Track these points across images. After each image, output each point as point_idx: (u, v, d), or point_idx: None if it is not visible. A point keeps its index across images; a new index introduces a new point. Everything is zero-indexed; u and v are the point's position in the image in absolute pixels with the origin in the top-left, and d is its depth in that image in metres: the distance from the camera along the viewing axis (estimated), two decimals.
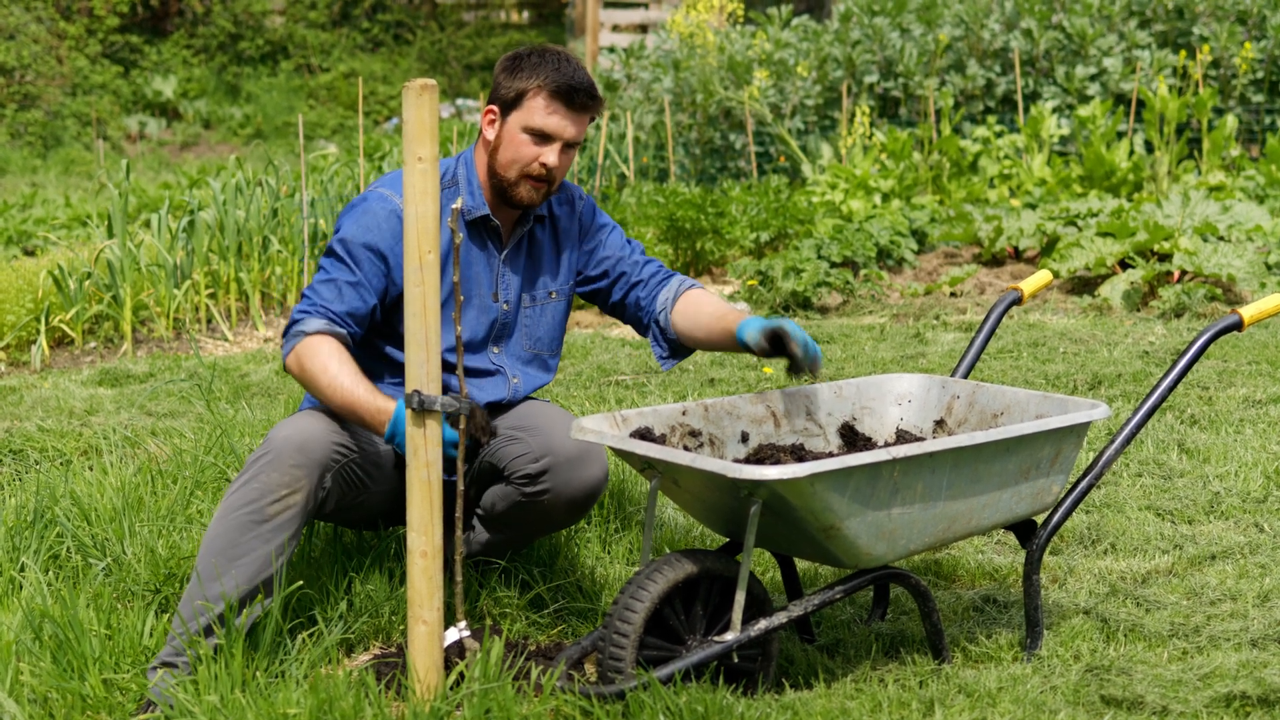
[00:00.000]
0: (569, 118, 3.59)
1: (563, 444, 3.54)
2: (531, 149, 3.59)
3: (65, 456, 5.45)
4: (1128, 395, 6.03)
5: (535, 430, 3.58)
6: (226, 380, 6.94)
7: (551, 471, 3.53)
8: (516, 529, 3.71)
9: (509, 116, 3.61)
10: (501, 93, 3.62)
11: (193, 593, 3.28)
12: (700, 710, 2.96)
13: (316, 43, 25.15)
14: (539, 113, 3.57)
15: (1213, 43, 13.68)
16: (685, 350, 3.88)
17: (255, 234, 9.12)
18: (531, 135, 3.58)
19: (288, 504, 3.31)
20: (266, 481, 3.31)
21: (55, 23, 22.97)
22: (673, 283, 3.87)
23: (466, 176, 3.70)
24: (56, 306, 8.33)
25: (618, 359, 7.26)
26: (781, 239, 10.47)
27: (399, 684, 3.28)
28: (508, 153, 3.61)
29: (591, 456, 3.56)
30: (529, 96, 3.57)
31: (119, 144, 21.75)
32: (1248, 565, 4.06)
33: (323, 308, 3.49)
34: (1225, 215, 9.55)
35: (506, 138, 3.61)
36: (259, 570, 3.29)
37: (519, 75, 3.59)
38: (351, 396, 3.35)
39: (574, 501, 3.59)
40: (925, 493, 3.24)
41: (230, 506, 3.31)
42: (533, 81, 3.57)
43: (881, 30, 14.76)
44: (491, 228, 3.71)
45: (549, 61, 3.59)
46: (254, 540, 3.28)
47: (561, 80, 3.56)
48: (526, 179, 3.61)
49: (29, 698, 3.21)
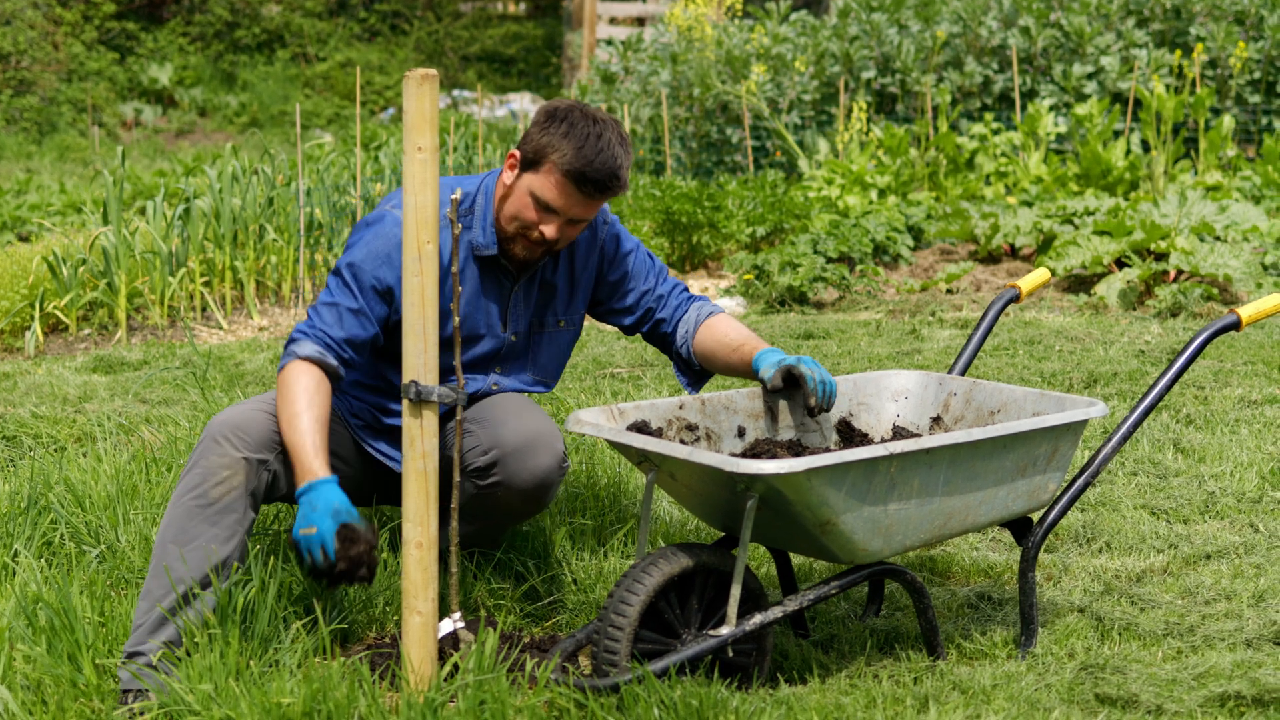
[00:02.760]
0: (579, 202, 3.46)
1: (510, 435, 3.46)
2: (533, 214, 3.48)
3: (59, 443, 5.44)
4: (1123, 394, 6.03)
5: (485, 422, 3.52)
6: (221, 368, 6.92)
7: (500, 464, 3.46)
8: (482, 520, 3.68)
9: (525, 173, 3.49)
10: (529, 144, 3.47)
11: (150, 582, 3.28)
12: (695, 704, 2.96)
13: (313, 32, 25.12)
14: (550, 188, 3.44)
15: (1209, 42, 13.68)
16: (709, 376, 3.88)
17: (251, 222, 9.11)
18: (536, 202, 3.47)
19: (230, 485, 3.30)
20: (207, 465, 3.31)
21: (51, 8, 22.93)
22: (692, 312, 3.83)
23: (484, 210, 3.60)
24: (51, 293, 8.32)
25: (613, 351, 7.26)
26: (778, 234, 10.47)
27: (393, 675, 3.27)
28: (512, 207, 3.51)
29: (540, 445, 3.47)
30: (545, 167, 3.43)
31: (114, 131, 21.72)
32: (1243, 565, 4.07)
33: (321, 332, 3.44)
34: (1222, 215, 9.56)
35: (516, 192, 3.50)
36: (211, 553, 3.28)
37: (546, 133, 3.44)
38: (299, 440, 3.28)
39: (526, 492, 3.50)
40: (922, 489, 3.24)
41: (178, 494, 3.32)
42: (553, 153, 3.42)
43: (879, 26, 14.76)
44: (502, 265, 3.63)
45: (578, 134, 3.41)
46: (202, 524, 3.29)
47: (580, 165, 3.40)
48: (523, 238, 3.53)
49: (22, 684, 3.20)
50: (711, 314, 3.83)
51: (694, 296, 3.89)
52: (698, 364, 3.83)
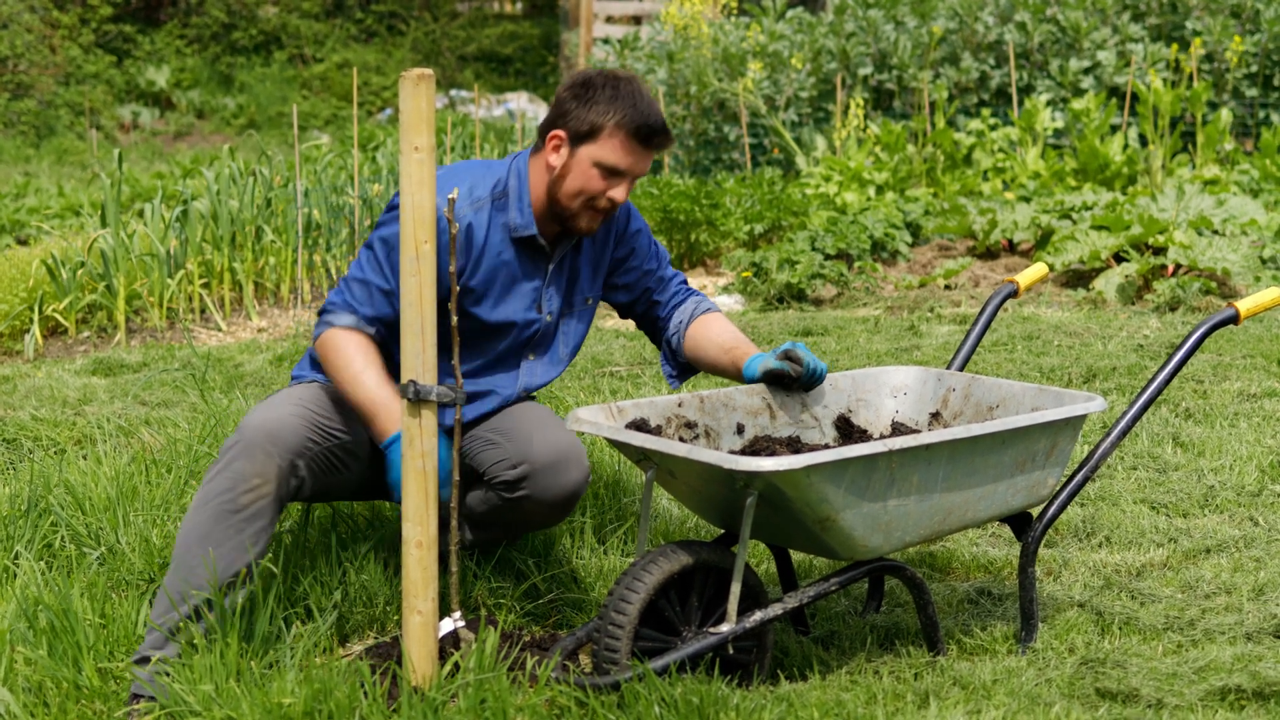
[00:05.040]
0: (643, 156, 3.53)
1: (541, 449, 3.48)
2: (600, 183, 3.51)
3: (59, 445, 5.44)
4: (1122, 388, 6.04)
5: (513, 434, 3.53)
6: (220, 370, 6.93)
7: (530, 478, 3.48)
8: (498, 529, 3.69)
9: (579, 148, 3.51)
10: (572, 122, 3.51)
11: (171, 582, 3.27)
12: (695, 701, 2.96)
13: (310, 33, 25.12)
14: (616, 151, 3.48)
15: (1206, 36, 13.68)
16: (694, 370, 3.89)
17: (249, 224, 9.11)
18: (602, 170, 3.51)
19: (260, 493, 3.29)
20: (239, 470, 3.29)
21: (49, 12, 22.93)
22: (689, 305, 3.85)
23: (518, 191, 3.60)
24: (50, 296, 8.32)
25: (611, 350, 7.26)
26: (776, 231, 10.47)
27: (394, 674, 3.27)
28: (574, 183, 3.52)
29: (570, 461, 3.49)
30: (606, 133, 3.48)
31: (112, 133, 21.72)
32: (1242, 559, 4.07)
33: (353, 307, 3.47)
34: (1220, 209, 9.56)
35: (575, 168, 3.52)
36: (235, 559, 3.27)
37: (594, 107, 3.49)
38: (369, 396, 3.34)
39: (554, 505, 3.53)
40: (921, 485, 3.24)
41: (205, 496, 3.30)
42: (611, 118, 3.47)
43: (876, 23, 14.76)
44: (538, 246, 3.64)
45: (626, 96, 3.49)
46: (228, 530, 3.27)
47: (641, 120, 3.48)
48: (589, 210, 3.56)
49: (23, 686, 3.20)
50: (708, 310, 3.84)
51: (693, 291, 3.89)
52: (684, 356, 3.83)
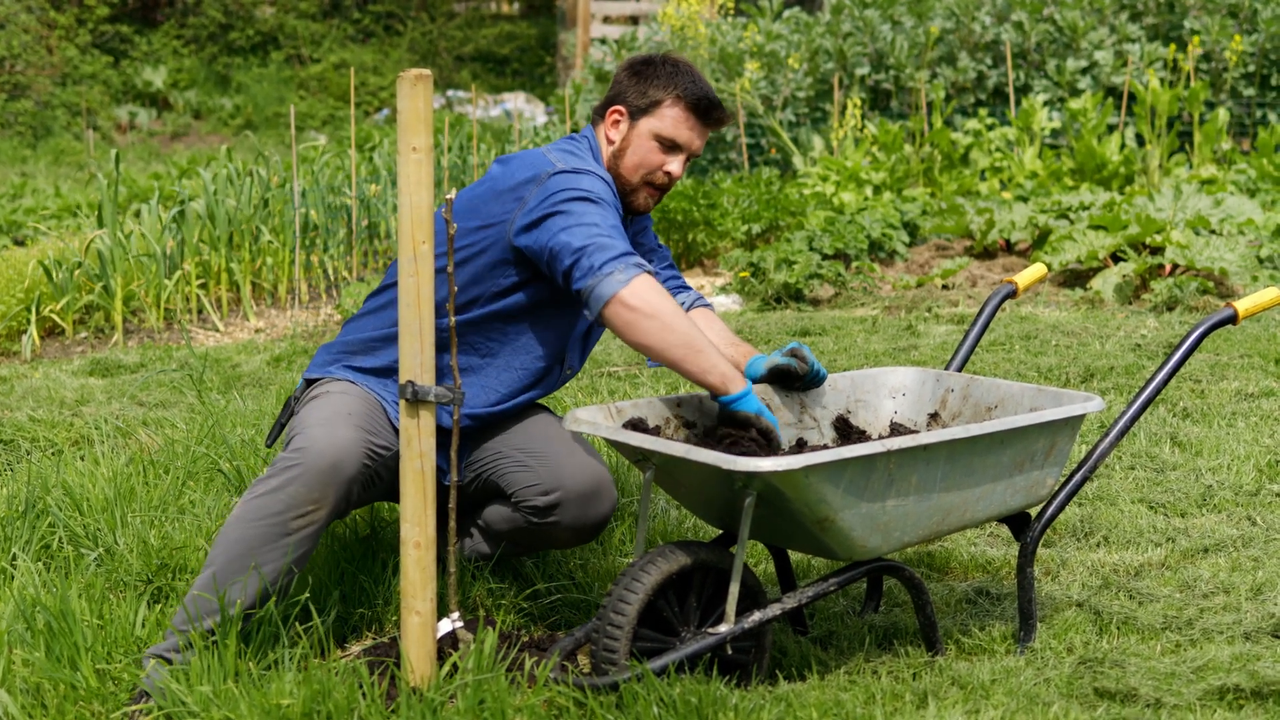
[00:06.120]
0: (700, 132, 3.63)
1: (574, 477, 3.51)
2: (659, 156, 3.61)
3: (56, 446, 5.43)
4: (1120, 388, 6.04)
5: (545, 458, 3.54)
6: (218, 370, 6.92)
7: (562, 506, 3.51)
8: (516, 547, 3.71)
9: (639, 120, 3.61)
10: (631, 96, 3.62)
11: (205, 587, 3.24)
12: (694, 701, 2.96)
13: (307, 33, 25.09)
14: (675, 123, 3.60)
15: (1203, 36, 13.69)
16: None
17: (246, 224, 9.11)
18: (661, 143, 3.60)
19: (312, 519, 3.26)
20: (294, 495, 3.23)
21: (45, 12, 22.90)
22: (683, 297, 3.86)
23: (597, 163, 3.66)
24: (47, 296, 8.31)
25: (609, 350, 7.26)
26: (773, 231, 10.47)
27: (392, 675, 3.27)
28: (635, 156, 3.61)
29: (602, 492, 3.54)
30: (666, 105, 3.60)
31: (109, 134, 21.70)
32: (1240, 558, 4.07)
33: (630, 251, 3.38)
34: (1217, 209, 9.57)
35: (636, 141, 3.61)
36: (274, 580, 3.25)
37: (653, 83, 3.61)
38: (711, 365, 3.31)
39: (582, 532, 3.58)
40: (920, 485, 3.24)
41: (255, 512, 3.24)
42: (670, 91, 3.59)
43: (873, 22, 14.76)
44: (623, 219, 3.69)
45: (685, 73, 3.61)
46: (274, 551, 3.24)
47: (701, 93, 3.60)
48: (647, 185, 3.63)
49: (21, 688, 3.20)
50: (705, 307, 3.87)
51: (689, 288, 3.91)
52: None
